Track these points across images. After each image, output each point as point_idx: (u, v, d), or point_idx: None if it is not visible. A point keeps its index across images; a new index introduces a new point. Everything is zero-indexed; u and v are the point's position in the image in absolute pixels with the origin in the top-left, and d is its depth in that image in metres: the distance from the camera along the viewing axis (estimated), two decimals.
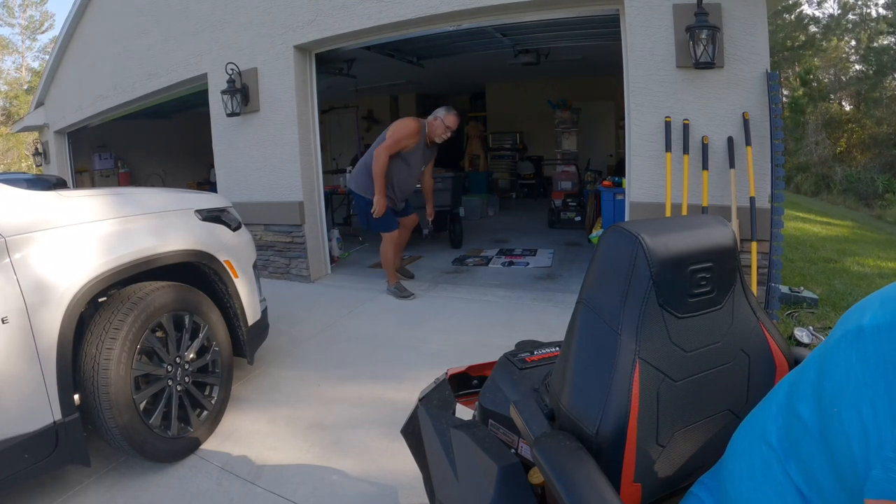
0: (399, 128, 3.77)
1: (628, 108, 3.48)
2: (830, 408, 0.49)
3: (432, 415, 1.17)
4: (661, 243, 0.79)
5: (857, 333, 0.49)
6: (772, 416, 0.61)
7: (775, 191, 3.14)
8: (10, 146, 19.87)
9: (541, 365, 1.17)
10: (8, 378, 1.52)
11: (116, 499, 1.83)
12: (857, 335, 0.49)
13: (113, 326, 1.83)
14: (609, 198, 5.49)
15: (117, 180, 8.88)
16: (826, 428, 0.49)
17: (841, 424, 0.47)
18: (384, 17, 4.07)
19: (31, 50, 23.73)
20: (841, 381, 0.49)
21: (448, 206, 5.73)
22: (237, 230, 2.58)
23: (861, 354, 0.48)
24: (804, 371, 0.61)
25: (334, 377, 2.73)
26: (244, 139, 4.92)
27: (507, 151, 9.68)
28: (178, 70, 5.40)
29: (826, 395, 0.51)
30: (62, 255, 1.71)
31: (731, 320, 0.87)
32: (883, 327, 0.46)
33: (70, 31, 6.91)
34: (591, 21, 4.06)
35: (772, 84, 3.11)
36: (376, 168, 3.66)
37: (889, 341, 0.45)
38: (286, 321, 3.55)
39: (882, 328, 0.46)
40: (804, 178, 16.69)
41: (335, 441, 2.16)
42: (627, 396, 0.77)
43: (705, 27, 3.04)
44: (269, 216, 4.85)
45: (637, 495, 0.80)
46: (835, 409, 0.48)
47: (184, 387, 2.09)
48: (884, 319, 0.47)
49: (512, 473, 0.88)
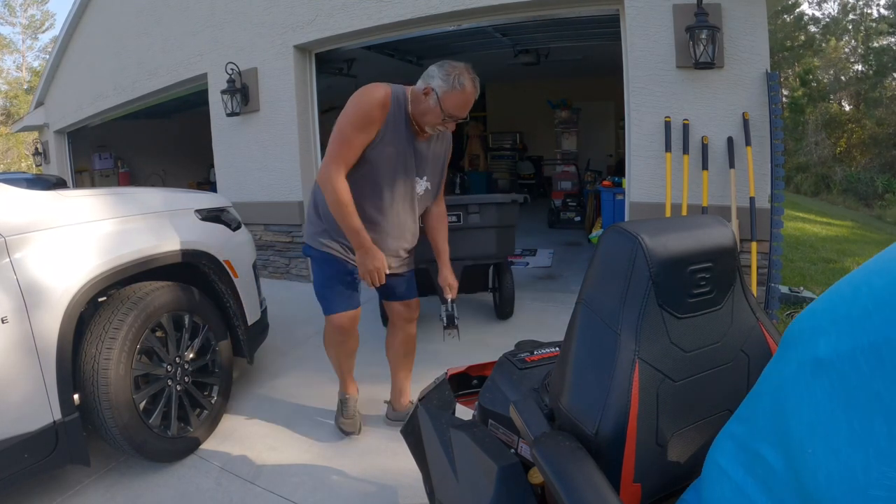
0: (348, 108, 1.77)
1: (628, 108, 3.48)
2: (802, 449, 0.45)
3: (432, 415, 1.17)
4: (660, 243, 0.80)
5: (816, 365, 0.45)
6: (730, 453, 0.57)
7: (775, 191, 3.14)
8: (10, 146, 19.88)
9: (540, 365, 1.17)
10: (8, 378, 1.52)
11: (116, 498, 1.83)
12: (815, 366, 0.45)
13: (113, 326, 1.83)
14: (609, 198, 5.50)
15: (117, 180, 8.88)
16: (801, 473, 0.45)
17: (818, 467, 0.43)
18: (384, 16, 4.08)
19: (32, 49, 23.75)
20: (808, 416, 0.45)
21: (491, 257, 3.16)
22: (237, 230, 2.58)
23: (825, 387, 0.44)
24: (757, 403, 0.57)
25: (334, 377, 2.71)
26: (244, 139, 4.92)
27: (507, 151, 9.69)
28: (178, 70, 5.41)
29: (794, 436, 0.46)
30: (62, 254, 1.70)
31: (731, 321, 0.87)
32: (842, 356, 0.42)
33: (70, 30, 6.91)
34: (591, 21, 4.06)
35: (772, 84, 3.11)
36: (331, 197, 1.77)
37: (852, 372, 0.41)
38: (286, 321, 3.55)
39: (841, 357, 0.42)
40: (804, 178, 16.70)
41: (335, 441, 2.16)
42: (627, 396, 0.77)
43: (705, 27, 3.05)
44: (268, 216, 4.85)
45: (637, 495, 0.80)
46: (809, 451, 0.44)
47: (183, 387, 2.09)
48: (840, 346, 0.43)
49: (511, 473, 0.88)
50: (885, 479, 0.36)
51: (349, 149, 1.75)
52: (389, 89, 1.79)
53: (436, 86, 1.75)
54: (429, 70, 1.80)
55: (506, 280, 3.40)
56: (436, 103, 1.75)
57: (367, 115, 1.73)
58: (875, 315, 0.41)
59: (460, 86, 1.74)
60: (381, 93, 1.75)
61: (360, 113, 1.74)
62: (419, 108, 1.80)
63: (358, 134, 1.74)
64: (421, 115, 1.81)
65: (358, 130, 1.74)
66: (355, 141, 1.75)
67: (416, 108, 1.81)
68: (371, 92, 1.75)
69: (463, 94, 1.75)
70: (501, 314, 3.46)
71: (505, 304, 3.42)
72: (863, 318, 0.42)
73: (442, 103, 1.75)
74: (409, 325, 2.15)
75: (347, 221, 1.77)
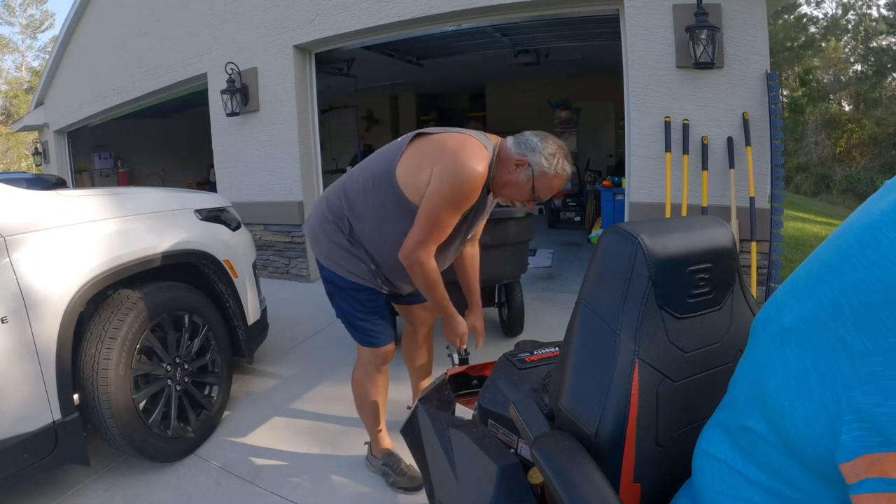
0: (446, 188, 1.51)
1: (628, 108, 3.48)
2: (780, 405, 0.51)
3: (432, 415, 1.17)
4: (659, 244, 0.80)
5: (784, 333, 0.53)
6: (717, 438, 0.64)
7: (775, 191, 3.14)
8: (10, 146, 19.87)
9: (540, 365, 1.17)
10: (7, 378, 1.52)
11: (116, 498, 1.83)
12: (783, 335, 0.53)
13: (112, 326, 1.83)
14: (609, 198, 5.50)
15: (117, 180, 8.87)
16: (781, 427, 0.51)
17: (795, 414, 0.49)
18: (384, 16, 4.08)
19: (32, 49, 23.77)
20: (783, 376, 0.51)
21: (505, 277, 2.92)
22: (237, 230, 2.58)
23: (795, 349, 0.51)
24: (736, 388, 0.64)
25: (334, 377, 2.72)
26: (244, 139, 4.92)
27: None
28: (177, 69, 5.41)
29: (771, 396, 0.53)
30: (61, 254, 1.70)
31: (731, 321, 0.87)
32: (806, 318, 0.50)
33: (70, 30, 6.91)
34: (591, 21, 4.06)
35: (771, 84, 3.11)
36: (422, 280, 1.60)
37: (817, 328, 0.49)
38: (286, 321, 3.55)
39: (806, 319, 0.50)
40: (804, 178, 16.70)
41: (334, 441, 2.16)
42: (627, 396, 0.77)
43: (705, 27, 3.05)
44: (268, 216, 4.85)
45: (636, 495, 0.80)
46: (786, 403, 0.51)
47: (183, 387, 2.10)
48: (803, 311, 0.51)
49: (511, 473, 0.88)
50: (852, 402, 0.43)
51: (443, 231, 1.55)
52: (488, 162, 1.53)
53: (534, 161, 1.51)
54: (528, 139, 1.55)
55: (515, 294, 3.05)
56: (527, 179, 1.53)
57: (468, 199, 1.53)
58: (828, 278, 0.49)
59: (562, 170, 1.53)
60: (481, 171, 1.50)
61: (460, 198, 1.51)
62: (504, 177, 1.56)
63: (454, 216, 1.55)
64: (504, 184, 1.57)
65: (455, 214, 1.54)
66: (451, 222, 1.55)
67: (500, 175, 1.57)
68: (473, 174, 1.49)
69: (559, 179, 1.55)
70: (510, 331, 3.11)
71: (514, 320, 3.09)
72: (819, 284, 0.50)
73: (535, 182, 1.52)
74: (430, 329, 2.03)
75: (437, 299, 1.63)
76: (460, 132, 1.61)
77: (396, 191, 1.57)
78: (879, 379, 0.41)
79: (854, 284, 0.45)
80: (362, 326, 1.75)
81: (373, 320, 1.74)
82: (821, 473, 0.47)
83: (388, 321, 1.79)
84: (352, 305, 1.73)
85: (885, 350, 0.41)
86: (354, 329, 1.77)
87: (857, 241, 0.47)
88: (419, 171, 1.53)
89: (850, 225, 0.50)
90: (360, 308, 1.73)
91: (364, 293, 1.71)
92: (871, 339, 0.42)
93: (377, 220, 1.63)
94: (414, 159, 1.56)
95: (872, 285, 0.44)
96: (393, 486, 1.83)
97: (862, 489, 0.42)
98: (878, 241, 0.45)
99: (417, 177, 1.54)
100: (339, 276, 1.69)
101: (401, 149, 1.59)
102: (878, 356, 0.42)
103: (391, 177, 1.58)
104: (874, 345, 0.42)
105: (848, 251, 0.48)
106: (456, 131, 1.63)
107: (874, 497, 0.41)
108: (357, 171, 1.71)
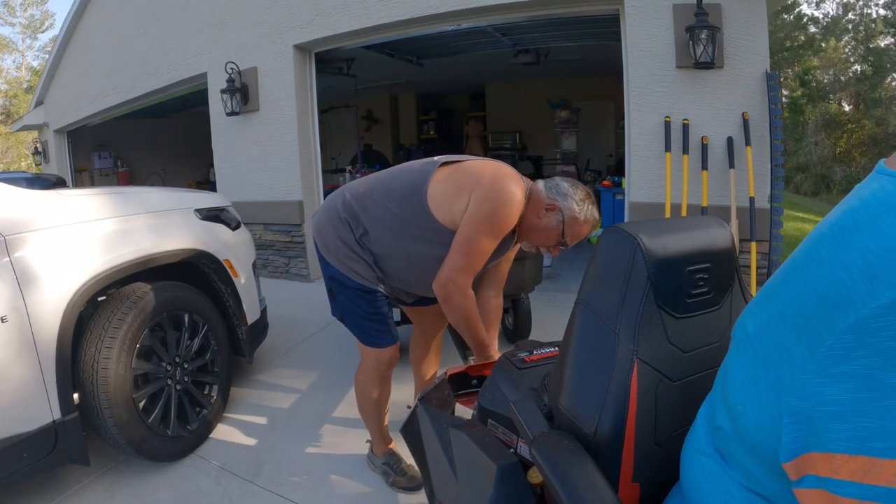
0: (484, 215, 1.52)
1: (628, 108, 3.48)
2: (739, 408, 0.55)
3: (432, 414, 1.17)
4: (658, 244, 0.80)
5: (747, 340, 0.57)
6: (700, 435, 0.68)
7: (775, 191, 3.15)
8: (10, 145, 19.87)
9: (540, 365, 1.17)
10: (7, 377, 1.52)
11: (115, 498, 1.83)
12: (746, 341, 0.57)
13: (112, 325, 1.83)
14: (608, 198, 5.50)
15: (117, 179, 8.87)
16: (742, 428, 0.55)
17: (748, 417, 0.54)
18: (384, 16, 4.08)
19: (32, 49, 23.71)
20: (741, 381, 0.56)
21: (520, 290, 2.87)
22: (236, 229, 2.58)
23: (751, 356, 0.55)
24: (714, 388, 0.68)
25: (333, 377, 2.73)
26: (244, 138, 4.92)
27: (507, 151, 9.65)
28: (177, 69, 5.41)
29: (732, 399, 0.58)
30: (61, 254, 1.70)
31: (730, 321, 0.87)
32: (762, 327, 0.54)
33: (70, 30, 6.91)
34: (591, 21, 4.06)
35: (771, 84, 3.12)
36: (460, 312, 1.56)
37: (769, 337, 0.52)
38: (286, 321, 3.55)
39: (762, 328, 0.54)
40: (804, 178, 16.70)
41: (335, 440, 2.16)
42: (626, 396, 0.77)
43: (705, 27, 3.05)
44: (268, 215, 4.85)
45: (635, 495, 0.80)
46: (740, 407, 0.55)
47: (183, 386, 2.10)
48: (761, 320, 0.55)
49: (511, 473, 0.88)
50: (790, 406, 0.47)
51: (481, 257, 1.54)
52: (524, 191, 1.56)
53: (565, 206, 1.53)
54: (559, 184, 1.57)
55: (522, 302, 2.97)
56: (557, 224, 1.54)
57: (507, 224, 1.53)
58: (781, 288, 0.53)
59: (591, 217, 1.56)
60: (520, 198, 1.53)
61: (499, 223, 1.51)
62: (533, 221, 1.56)
63: (493, 243, 1.54)
64: (532, 228, 1.57)
65: (494, 240, 1.53)
66: (489, 249, 1.54)
67: (529, 218, 1.57)
68: (513, 199, 1.51)
69: (588, 225, 1.56)
70: (515, 338, 2.97)
71: (521, 328, 3.00)
72: (774, 294, 0.55)
73: (566, 227, 1.54)
74: (440, 335, 2.06)
75: (472, 332, 1.60)
76: (491, 160, 1.64)
77: (426, 212, 1.57)
78: (811, 385, 0.45)
79: (797, 295, 0.49)
80: (367, 326, 1.74)
81: (378, 320, 1.74)
82: (778, 472, 0.51)
83: (391, 325, 1.78)
84: (358, 305, 1.72)
85: (817, 359, 0.45)
86: (359, 329, 1.76)
87: (806, 254, 0.51)
88: (456, 195, 1.53)
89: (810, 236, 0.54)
90: (366, 308, 1.72)
91: (371, 294, 1.71)
92: (808, 348, 0.46)
93: (396, 237, 1.62)
94: (450, 184, 1.56)
95: (809, 297, 0.47)
96: (393, 486, 1.85)
97: (802, 485, 0.46)
98: (819, 255, 0.48)
99: (453, 202, 1.53)
100: (347, 277, 1.68)
101: (430, 172, 1.59)
102: (811, 364, 0.45)
103: (421, 198, 1.57)
104: (809, 354, 0.45)
105: (798, 262, 0.52)
106: (486, 159, 1.64)
107: (810, 493, 0.46)
108: (377, 183, 1.70)
